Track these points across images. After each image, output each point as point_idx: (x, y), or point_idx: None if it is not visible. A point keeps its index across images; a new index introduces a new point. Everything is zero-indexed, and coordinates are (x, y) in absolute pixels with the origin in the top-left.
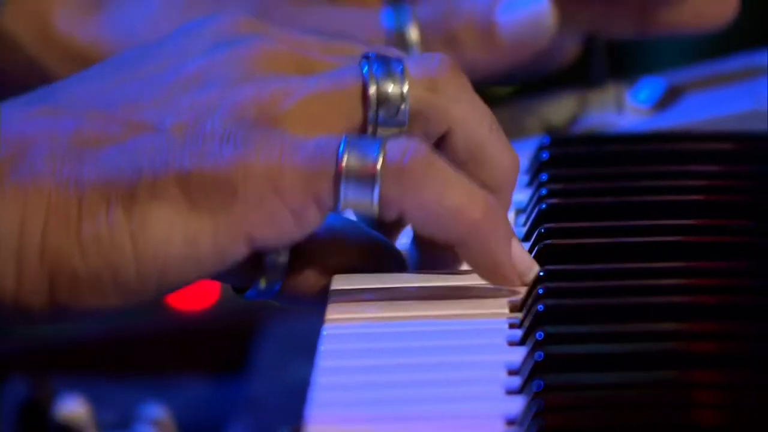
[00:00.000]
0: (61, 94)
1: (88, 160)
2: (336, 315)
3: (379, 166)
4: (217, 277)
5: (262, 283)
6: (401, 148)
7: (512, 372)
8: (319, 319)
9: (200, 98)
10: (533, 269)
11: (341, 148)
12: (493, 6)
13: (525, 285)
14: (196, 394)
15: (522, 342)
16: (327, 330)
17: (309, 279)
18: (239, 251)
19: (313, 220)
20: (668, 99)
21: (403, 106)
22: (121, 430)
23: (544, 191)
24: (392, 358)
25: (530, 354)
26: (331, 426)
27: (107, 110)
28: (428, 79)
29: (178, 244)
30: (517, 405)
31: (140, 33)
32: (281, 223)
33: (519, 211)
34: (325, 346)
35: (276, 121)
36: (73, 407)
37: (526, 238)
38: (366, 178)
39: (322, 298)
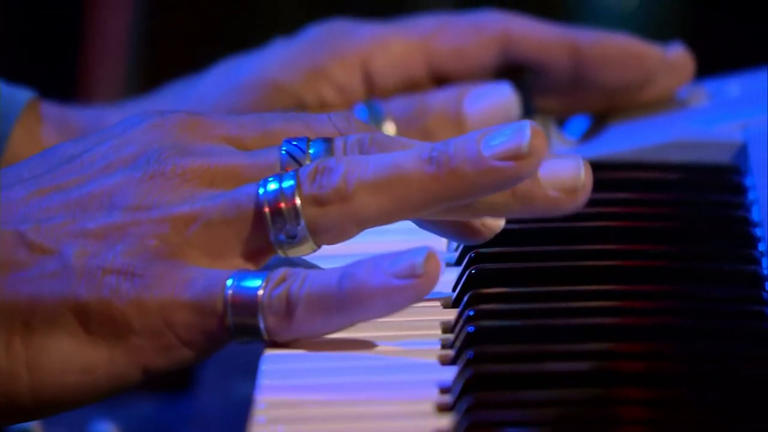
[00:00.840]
0: None
1: None
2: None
3: (259, 300)
4: None
5: None
6: (275, 281)
7: (444, 390)
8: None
9: (107, 222)
10: None
11: (228, 284)
12: (461, 99)
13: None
14: (144, 411)
15: (453, 361)
16: (268, 350)
17: None
18: (134, 378)
19: (209, 349)
20: (594, 131)
21: (299, 225)
22: None
23: None
24: (329, 377)
25: (461, 373)
26: None
27: (19, 228)
28: (312, 196)
29: (73, 373)
30: (448, 422)
31: None
32: (175, 354)
33: None
34: (266, 366)
35: (177, 251)
36: (23, 425)
37: (457, 263)
38: (250, 312)
39: None
